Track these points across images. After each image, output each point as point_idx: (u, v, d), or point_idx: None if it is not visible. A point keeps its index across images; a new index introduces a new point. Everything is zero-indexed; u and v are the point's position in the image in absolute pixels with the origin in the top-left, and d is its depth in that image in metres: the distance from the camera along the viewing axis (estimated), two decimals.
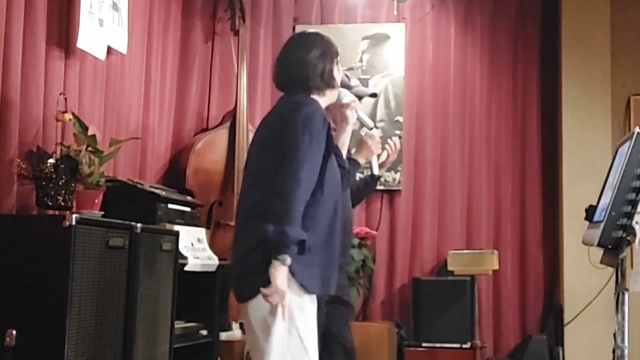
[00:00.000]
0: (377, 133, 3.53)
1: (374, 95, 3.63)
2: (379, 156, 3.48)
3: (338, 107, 2.98)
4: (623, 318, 2.69)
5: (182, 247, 3.62)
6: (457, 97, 5.43)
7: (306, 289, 2.52)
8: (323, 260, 2.60)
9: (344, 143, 2.98)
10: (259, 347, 2.53)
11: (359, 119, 3.13)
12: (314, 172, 2.52)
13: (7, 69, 3.03)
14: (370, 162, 3.44)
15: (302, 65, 2.71)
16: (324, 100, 2.76)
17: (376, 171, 3.45)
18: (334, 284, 2.68)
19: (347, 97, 2.97)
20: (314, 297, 2.58)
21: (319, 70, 2.71)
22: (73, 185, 3.04)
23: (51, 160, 3.03)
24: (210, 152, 4.77)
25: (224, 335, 4.13)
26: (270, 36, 5.43)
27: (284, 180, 2.46)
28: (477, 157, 5.39)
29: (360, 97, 3.48)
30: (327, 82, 2.74)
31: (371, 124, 3.28)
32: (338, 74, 2.81)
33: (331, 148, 2.63)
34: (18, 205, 3.09)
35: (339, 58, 2.81)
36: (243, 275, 2.58)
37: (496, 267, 4.98)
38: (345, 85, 3.46)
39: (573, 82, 5.21)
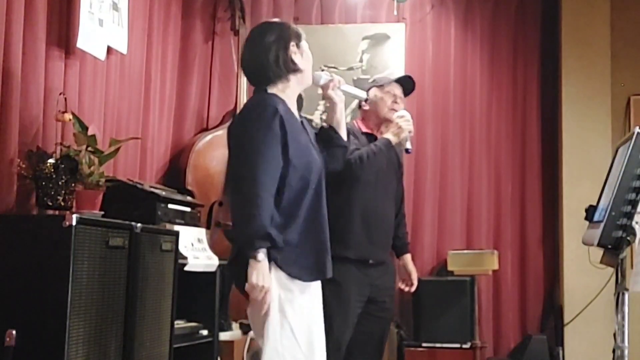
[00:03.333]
0: (407, 113, 3.59)
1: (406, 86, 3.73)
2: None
3: (323, 92, 2.92)
4: (623, 318, 2.69)
5: (182, 247, 3.62)
6: (457, 97, 5.43)
7: (293, 276, 2.56)
8: (310, 245, 2.62)
9: (339, 122, 2.90)
10: (259, 345, 2.60)
11: (347, 94, 3.00)
12: (272, 165, 2.53)
13: (7, 69, 3.02)
14: (403, 140, 3.53)
15: (259, 55, 2.68)
16: (293, 86, 2.72)
17: (408, 146, 3.54)
18: (329, 267, 2.69)
19: (323, 78, 2.89)
20: (303, 287, 2.61)
21: (273, 56, 2.66)
22: (73, 185, 3.04)
23: (51, 160, 3.03)
24: (210, 152, 4.77)
25: (224, 335, 4.13)
26: None
27: (243, 181, 2.53)
28: (477, 157, 5.39)
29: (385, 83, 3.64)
30: (287, 67, 2.68)
31: (363, 94, 3.19)
32: (303, 58, 2.73)
33: (289, 135, 2.59)
34: (18, 205, 3.08)
35: (300, 41, 2.73)
36: (236, 269, 2.61)
37: (496, 267, 4.98)
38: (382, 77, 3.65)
39: (573, 82, 5.20)
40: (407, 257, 3.77)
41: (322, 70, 3.04)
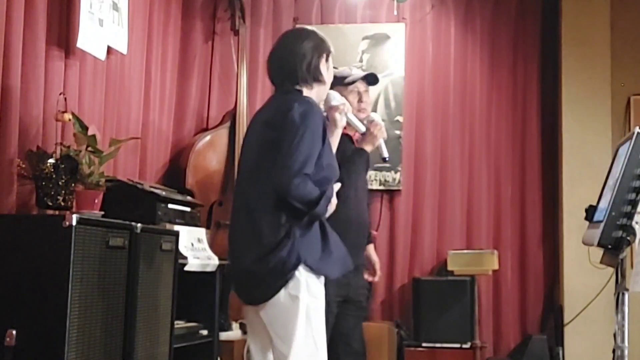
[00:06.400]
0: (377, 117, 3.59)
1: (371, 79, 3.66)
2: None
3: (327, 110, 2.98)
4: (623, 318, 2.69)
5: (182, 247, 3.62)
6: (457, 97, 5.43)
7: (327, 275, 2.67)
8: (336, 244, 2.71)
9: (333, 145, 2.97)
10: (274, 350, 2.62)
11: (349, 122, 3.11)
12: (313, 163, 2.60)
13: (7, 69, 3.03)
14: (379, 147, 3.54)
15: (293, 56, 2.76)
16: (313, 95, 2.79)
17: (385, 154, 3.54)
18: (349, 260, 2.78)
19: (336, 99, 2.96)
20: (322, 285, 2.67)
21: (307, 61, 2.75)
22: (73, 185, 3.04)
23: (51, 160, 3.03)
24: (210, 152, 4.77)
25: (224, 335, 4.13)
26: (270, 36, 5.43)
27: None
28: (477, 157, 5.39)
29: (353, 82, 3.55)
30: (314, 76, 2.77)
31: (363, 128, 3.29)
32: (327, 72, 2.82)
33: (327, 139, 2.70)
34: (18, 205, 3.08)
35: (330, 58, 2.84)
36: (259, 275, 2.61)
37: (496, 267, 4.98)
38: (344, 75, 3.54)
39: (573, 82, 5.20)
40: (371, 247, 3.77)
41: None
